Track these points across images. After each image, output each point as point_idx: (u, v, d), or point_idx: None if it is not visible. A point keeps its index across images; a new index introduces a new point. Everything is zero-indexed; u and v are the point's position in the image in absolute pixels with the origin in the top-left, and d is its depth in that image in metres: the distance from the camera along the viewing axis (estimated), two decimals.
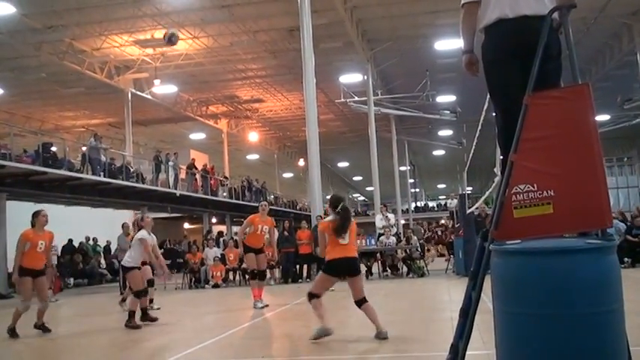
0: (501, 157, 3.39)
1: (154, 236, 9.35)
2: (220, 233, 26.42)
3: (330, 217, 6.60)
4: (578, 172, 2.85)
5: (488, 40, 3.36)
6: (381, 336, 6.15)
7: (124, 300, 10.66)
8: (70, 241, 22.41)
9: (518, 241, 2.82)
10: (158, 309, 10.21)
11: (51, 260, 10.55)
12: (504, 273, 2.66)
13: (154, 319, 8.77)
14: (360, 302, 6.36)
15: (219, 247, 20.02)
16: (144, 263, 9.48)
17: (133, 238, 9.62)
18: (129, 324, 8.30)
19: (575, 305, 2.46)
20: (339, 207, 6.47)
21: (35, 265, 7.98)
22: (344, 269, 6.44)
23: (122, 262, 9.43)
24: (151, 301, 10.07)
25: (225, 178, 31.72)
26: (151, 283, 10.11)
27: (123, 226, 15.73)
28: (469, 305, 3.06)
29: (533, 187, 2.88)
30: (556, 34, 3.18)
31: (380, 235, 16.74)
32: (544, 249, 2.64)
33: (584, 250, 2.58)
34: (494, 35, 3.30)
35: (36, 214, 8.23)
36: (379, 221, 17.47)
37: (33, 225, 8.13)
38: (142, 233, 9.06)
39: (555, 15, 3.08)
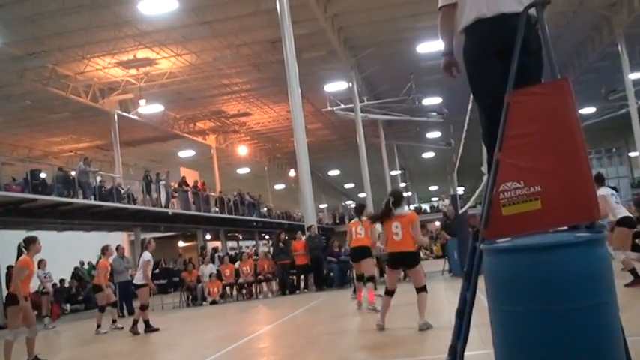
0: (487, 156, 3.39)
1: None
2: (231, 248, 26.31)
3: None
4: (563, 167, 2.85)
5: (468, 40, 3.36)
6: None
7: (114, 321, 11.79)
8: (75, 267, 22.59)
9: (509, 238, 2.82)
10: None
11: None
12: (496, 271, 2.66)
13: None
14: None
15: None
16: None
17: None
18: (132, 330, 10.16)
19: (568, 299, 2.46)
20: None
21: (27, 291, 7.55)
22: None
23: (134, 280, 11.06)
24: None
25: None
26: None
27: (117, 248, 15.67)
28: (464, 306, 3.07)
29: (520, 184, 2.88)
30: (535, 30, 3.20)
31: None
32: (533, 245, 2.64)
33: (574, 244, 2.58)
34: (473, 35, 3.30)
35: (33, 241, 7.76)
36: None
37: (26, 251, 7.65)
38: (147, 255, 10.57)
39: (533, 11, 3.09)
